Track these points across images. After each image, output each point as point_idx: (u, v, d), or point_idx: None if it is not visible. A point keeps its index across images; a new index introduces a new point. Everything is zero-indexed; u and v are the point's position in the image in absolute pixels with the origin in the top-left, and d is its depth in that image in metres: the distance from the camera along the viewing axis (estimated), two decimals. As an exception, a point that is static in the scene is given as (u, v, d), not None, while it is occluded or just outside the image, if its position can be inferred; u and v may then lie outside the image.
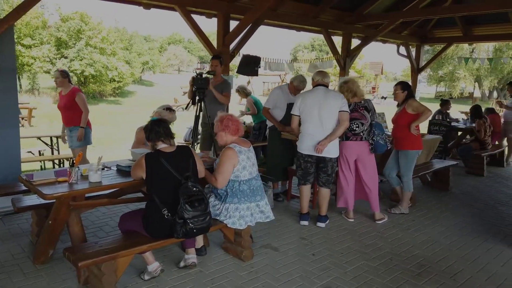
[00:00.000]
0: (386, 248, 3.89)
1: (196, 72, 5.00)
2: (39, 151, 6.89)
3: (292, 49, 61.79)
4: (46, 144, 7.02)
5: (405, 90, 4.74)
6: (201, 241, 3.53)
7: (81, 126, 5.15)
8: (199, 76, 4.82)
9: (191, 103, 5.01)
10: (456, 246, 4.01)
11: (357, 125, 4.33)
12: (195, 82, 4.85)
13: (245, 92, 7.09)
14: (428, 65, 11.42)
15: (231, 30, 6.24)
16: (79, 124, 5.16)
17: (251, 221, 3.39)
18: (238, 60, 6.81)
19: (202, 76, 4.88)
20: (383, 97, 30.82)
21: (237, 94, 7.30)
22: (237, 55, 6.57)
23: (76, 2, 34.45)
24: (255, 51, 7.81)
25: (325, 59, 8.96)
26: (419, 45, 10.70)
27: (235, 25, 6.20)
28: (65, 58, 22.68)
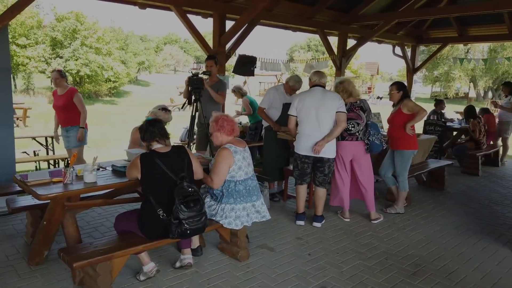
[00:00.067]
0: (381, 247, 3.90)
1: (191, 72, 4.99)
2: (34, 152, 6.85)
3: (288, 49, 61.88)
4: (41, 144, 6.99)
5: (401, 90, 4.75)
6: (197, 241, 3.52)
7: (81, 126, 5.16)
8: (194, 76, 4.82)
9: (187, 103, 5.01)
10: (451, 245, 4.03)
11: (352, 125, 4.34)
12: (190, 82, 4.85)
13: (240, 92, 7.10)
14: (423, 66, 11.46)
15: (227, 30, 6.23)
16: (76, 124, 5.15)
17: (247, 221, 3.39)
18: (234, 60, 6.80)
19: (198, 76, 4.88)
20: (379, 97, 30.93)
21: (233, 94, 7.30)
22: (233, 55, 6.57)
23: (71, 2, 34.35)
24: (251, 51, 7.79)
25: (321, 59, 8.98)
26: (414, 46, 10.74)
27: (231, 25, 6.20)
28: (60, 58, 22.59)
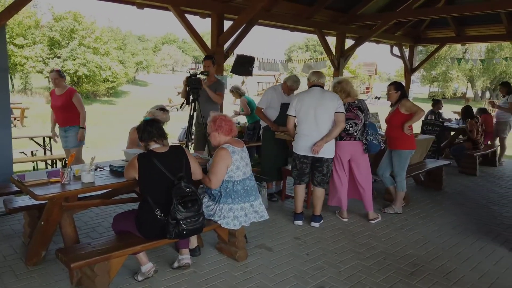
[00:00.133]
0: (379, 247, 3.91)
1: (189, 72, 4.99)
2: (32, 152, 6.84)
3: (286, 49, 61.94)
4: (38, 144, 6.97)
5: (399, 90, 4.76)
6: (195, 241, 3.52)
7: (82, 126, 5.18)
8: (192, 76, 4.82)
9: (185, 103, 5.01)
10: (449, 245, 4.04)
11: (350, 125, 4.34)
12: (188, 82, 4.85)
13: (238, 92, 7.09)
14: (421, 66, 11.49)
15: (225, 30, 6.23)
16: (75, 124, 5.15)
17: (245, 222, 3.39)
18: (232, 60, 6.80)
19: (196, 75, 4.87)
20: (377, 97, 30.99)
21: (231, 94, 7.30)
22: (231, 55, 6.57)
23: (69, 1, 34.27)
24: (249, 51, 7.80)
25: (319, 59, 8.99)
26: (412, 46, 10.77)
27: (229, 25, 6.19)
28: (58, 58, 22.56)
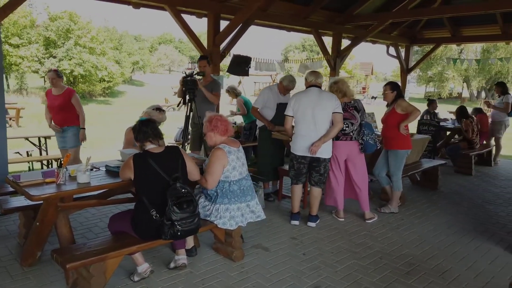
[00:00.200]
0: (376, 247, 3.92)
1: (185, 72, 4.98)
2: (27, 152, 6.80)
3: (283, 49, 61.92)
4: (34, 144, 6.93)
5: (394, 90, 4.77)
6: (192, 241, 3.51)
7: (82, 127, 5.20)
8: (188, 77, 4.81)
9: (182, 102, 5.00)
10: (444, 244, 4.05)
11: (347, 125, 4.34)
12: (184, 83, 4.84)
13: (235, 92, 7.09)
14: (417, 66, 11.53)
15: (221, 30, 6.22)
16: (73, 124, 5.14)
17: (242, 222, 3.39)
18: (228, 60, 6.80)
19: (192, 75, 4.87)
20: (373, 97, 31.09)
21: (227, 94, 7.29)
22: (228, 55, 6.56)
23: (64, 1, 34.11)
24: (246, 51, 7.79)
25: (315, 60, 9.00)
26: (408, 46, 10.80)
27: (225, 25, 6.19)
28: (54, 57, 22.46)
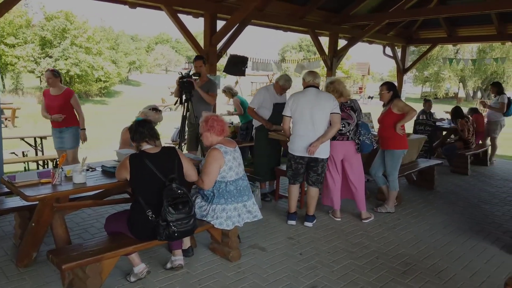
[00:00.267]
0: (372, 247, 3.93)
1: (181, 73, 4.97)
2: (23, 152, 6.77)
3: (280, 49, 61.97)
4: (29, 145, 6.90)
5: (391, 90, 4.79)
6: (188, 242, 3.51)
7: (83, 128, 5.18)
8: (184, 78, 4.81)
9: (178, 102, 4.99)
10: (440, 244, 4.07)
11: (343, 125, 4.35)
12: (181, 85, 4.83)
13: (231, 92, 7.08)
14: (413, 66, 11.57)
15: (218, 30, 6.21)
16: (71, 125, 5.10)
17: (239, 222, 3.39)
18: (225, 60, 6.79)
19: (189, 75, 4.86)
20: (370, 97, 31.19)
21: (224, 94, 7.29)
22: (224, 55, 6.56)
23: (60, 0, 34.02)
24: (242, 51, 7.80)
25: (312, 60, 9.01)
26: (404, 46, 10.83)
27: (222, 25, 6.18)
28: (50, 57, 22.38)
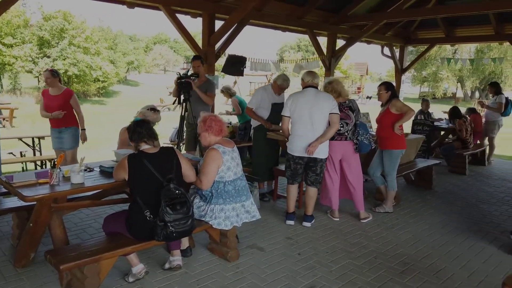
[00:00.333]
0: (370, 246, 3.93)
1: (179, 74, 4.96)
2: (21, 152, 6.75)
3: (278, 50, 62.00)
4: (27, 145, 6.88)
5: (389, 90, 4.79)
6: (187, 242, 3.50)
7: (83, 128, 5.18)
8: (183, 79, 4.80)
9: (177, 102, 4.99)
10: (439, 243, 4.07)
11: (341, 125, 4.35)
12: (179, 86, 4.83)
13: (229, 92, 7.08)
14: (411, 66, 11.58)
15: (216, 30, 6.21)
16: (71, 125, 5.09)
17: (237, 222, 3.38)
18: (223, 60, 6.78)
19: (187, 75, 4.86)
20: (368, 97, 31.26)
21: (222, 94, 7.28)
22: (223, 55, 6.55)
23: (58, 0, 33.94)
24: (241, 51, 7.78)
25: (310, 60, 9.01)
26: (402, 46, 10.85)
27: (220, 25, 6.18)
28: (48, 57, 22.34)
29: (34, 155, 6.86)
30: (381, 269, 3.47)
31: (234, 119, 7.60)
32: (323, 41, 9.15)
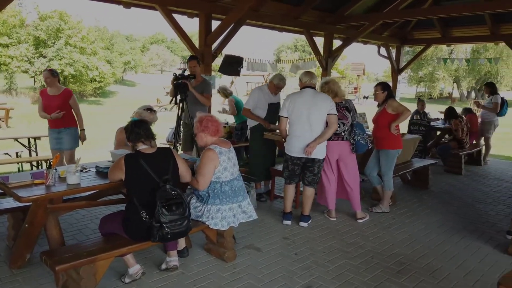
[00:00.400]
0: (367, 246, 3.94)
1: (175, 74, 4.95)
2: (16, 153, 6.72)
3: (275, 50, 61.99)
4: (23, 145, 6.85)
5: (385, 90, 4.80)
6: (183, 242, 3.49)
7: (82, 128, 5.17)
8: (179, 80, 4.79)
9: (174, 102, 4.98)
10: (435, 243, 4.09)
11: (338, 125, 4.36)
12: (175, 87, 4.82)
13: (225, 92, 7.07)
14: (408, 66, 11.63)
15: (213, 30, 6.21)
16: (70, 125, 5.07)
17: (234, 222, 3.38)
18: (220, 60, 6.78)
19: (183, 76, 4.85)
20: (365, 97, 31.34)
21: (219, 94, 7.27)
22: (220, 55, 6.55)
23: (54, 0, 33.80)
24: (238, 51, 7.79)
25: (307, 60, 9.02)
26: (399, 46, 10.89)
27: (217, 25, 6.18)
28: (44, 57, 22.25)
29: (30, 155, 6.83)
30: (378, 269, 3.48)
31: (230, 119, 7.59)
32: (319, 41, 9.16)
